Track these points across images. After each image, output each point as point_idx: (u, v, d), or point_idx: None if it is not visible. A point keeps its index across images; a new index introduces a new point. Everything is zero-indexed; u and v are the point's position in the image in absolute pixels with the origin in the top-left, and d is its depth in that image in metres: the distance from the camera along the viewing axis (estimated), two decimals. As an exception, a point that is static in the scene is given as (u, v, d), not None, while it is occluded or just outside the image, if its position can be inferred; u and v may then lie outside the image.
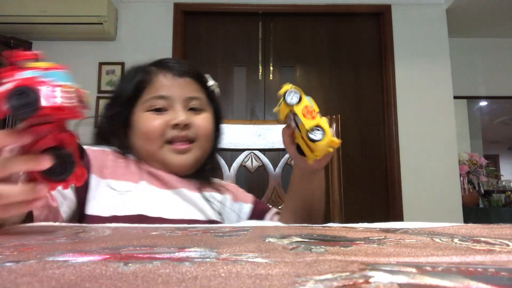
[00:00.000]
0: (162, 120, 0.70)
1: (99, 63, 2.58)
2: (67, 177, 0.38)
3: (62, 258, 0.23)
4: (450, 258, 0.23)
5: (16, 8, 2.39)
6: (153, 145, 0.70)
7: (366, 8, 2.72)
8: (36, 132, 0.37)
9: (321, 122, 0.54)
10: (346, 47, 2.74)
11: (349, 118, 2.61)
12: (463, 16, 2.83)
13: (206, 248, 0.27)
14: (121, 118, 0.73)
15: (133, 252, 0.25)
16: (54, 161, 0.36)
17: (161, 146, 0.70)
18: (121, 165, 0.71)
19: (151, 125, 0.70)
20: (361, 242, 0.31)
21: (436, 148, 2.56)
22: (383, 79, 2.67)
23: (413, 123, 2.58)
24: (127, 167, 0.71)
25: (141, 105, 0.72)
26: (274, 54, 2.72)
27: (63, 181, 0.38)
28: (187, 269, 0.20)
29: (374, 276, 0.17)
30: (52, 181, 0.37)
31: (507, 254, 0.24)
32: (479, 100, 3.76)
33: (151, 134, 0.70)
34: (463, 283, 0.16)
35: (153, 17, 2.66)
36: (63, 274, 0.18)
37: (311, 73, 2.74)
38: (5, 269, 0.20)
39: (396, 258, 0.23)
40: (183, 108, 0.72)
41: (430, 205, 2.49)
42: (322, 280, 0.17)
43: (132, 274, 0.18)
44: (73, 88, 0.37)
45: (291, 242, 0.31)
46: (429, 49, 2.67)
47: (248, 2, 2.70)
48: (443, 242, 0.31)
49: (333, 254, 0.25)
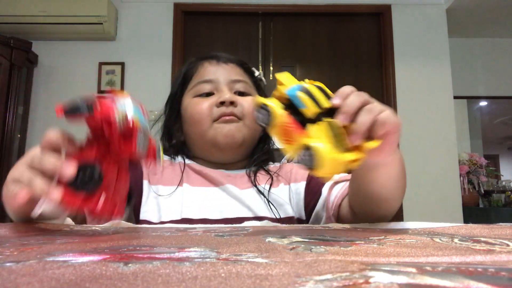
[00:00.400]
0: (209, 102, 0.71)
1: (99, 63, 2.58)
2: (87, 191, 0.35)
3: (62, 258, 0.23)
4: (450, 258, 0.23)
5: (16, 8, 2.39)
6: (202, 126, 0.70)
7: (366, 8, 2.72)
8: (91, 148, 0.37)
9: (308, 142, 0.37)
10: (346, 47, 2.74)
11: (349, 118, 2.61)
12: (463, 16, 2.83)
13: (206, 248, 0.27)
14: (174, 112, 0.76)
15: (133, 252, 0.25)
16: (79, 173, 0.35)
17: (210, 125, 0.70)
18: (167, 169, 0.72)
19: (199, 108, 0.71)
20: (361, 242, 0.31)
21: (436, 148, 2.56)
22: (383, 79, 2.67)
23: (413, 123, 2.58)
24: (173, 171, 0.72)
25: (188, 92, 0.75)
26: (274, 54, 2.72)
27: (82, 195, 0.35)
28: (187, 269, 0.20)
29: (374, 276, 0.17)
30: (70, 191, 0.35)
31: (507, 254, 0.24)
32: (479, 100, 3.76)
33: (199, 115, 0.71)
34: (463, 283, 0.16)
35: (153, 17, 2.66)
36: (63, 274, 0.18)
37: (311, 73, 2.73)
38: (5, 269, 0.20)
39: (396, 258, 0.23)
40: (229, 89, 0.73)
41: (430, 205, 2.49)
42: (322, 280, 0.17)
43: (132, 274, 0.18)
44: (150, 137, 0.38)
45: (291, 242, 0.31)
46: (429, 49, 2.67)
47: (248, 2, 2.70)
48: (443, 242, 0.31)
49: (333, 254, 0.24)
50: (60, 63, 2.59)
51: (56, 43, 2.60)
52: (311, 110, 0.38)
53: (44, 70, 2.58)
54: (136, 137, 0.37)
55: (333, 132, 0.38)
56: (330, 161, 0.37)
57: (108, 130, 0.35)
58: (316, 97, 0.39)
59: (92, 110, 0.34)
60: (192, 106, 0.73)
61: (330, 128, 0.38)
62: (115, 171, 0.37)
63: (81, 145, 0.38)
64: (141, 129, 0.38)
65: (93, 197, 0.36)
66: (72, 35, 2.55)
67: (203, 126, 0.70)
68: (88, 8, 2.43)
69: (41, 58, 2.57)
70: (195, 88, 0.73)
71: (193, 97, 0.73)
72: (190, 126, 0.73)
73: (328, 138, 0.38)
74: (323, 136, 0.38)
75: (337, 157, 0.37)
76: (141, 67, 2.58)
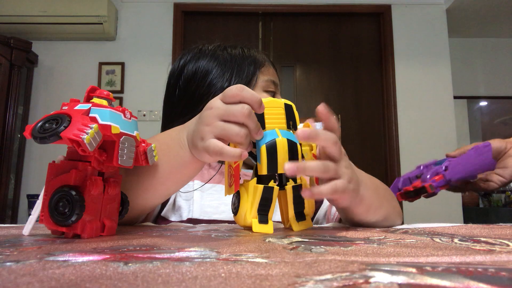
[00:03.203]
0: None
1: (99, 63, 2.58)
2: (68, 226, 0.34)
3: (62, 258, 0.23)
4: (450, 258, 0.23)
5: (16, 8, 2.40)
6: None
7: (366, 8, 2.72)
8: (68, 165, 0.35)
9: (242, 190, 0.42)
10: (346, 47, 2.74)
11: (349, 118, 2.61)
12: (463, 16, 2.83)
13: (206, 248, 0.27)
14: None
15: (133, 252, 0.25)
16: (59, 206, 0.34)
17: None
18: None
19: None
20: (361, 242, 0.31)
21: (436, 148, 2.56)
22: (383, 79, 2.67)
23: (413, 123, 2.58)
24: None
25: (258, 83, 0.71)
26: (274, 54, 2.72)
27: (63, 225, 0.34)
28: (187, 269, 0.20)
29: (374, 276, 0.17)
30: (53, 221, 0.34)
31: (507, 254, 0.24)
32: (479, 100, 3.76)
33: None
34: (463, 283, 0.16)
35: (153, 17, 2.66)
36: (63, 274, 0.18)
37: (311, 73, 2.73)
38: (5, 269, 0.20)
39: (396, 258, 0.23)
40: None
41: (430, 205, 2.48)
42: (322, 280, 0.17)
43: (132, 274, 0.18)
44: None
45: (291, 242, 0.31)
46: (429, 49, 2.67)
47: (248, 2, 2.70)
48: (443, 242, 0.31)
49: (333, 254, 0.24)
50: (60, 63, 2.59)
51: (56, 43, 2.60)
52: (261, 171, 0.39)
53: (44, 70, 2.58)
54: (119, 147, 0.36)
55: (262, 201, 0.40)
56: (243, 219, 0.41)
57: (80, 151, 0.32)
58: (277, 163, 0.39)
59: (58, 135, 0.32)
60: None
61: (264, 194, 0.40)
62: (100, 187, 0.35)
63: (60, 167, 0.36)
64: (124, 137, 0.36)
65: (77, 225, 0.34)
66: (72, 35, 2.55)
67: None
68: (88, 8, 2.43)
69: (41, 58, 2.57)
70: (265, 83, 0.71)
71: (262, 90, 0.71)
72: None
73: (256, 203, 0.40)
74: (255, 198, 0.40)
75: (250, 222, 0.40)
76: (141, 67, 2.59)
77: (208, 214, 0.64)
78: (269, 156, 0.38)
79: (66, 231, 0.35)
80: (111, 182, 0.37)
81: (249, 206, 0.40)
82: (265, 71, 0.73)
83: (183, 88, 0.72)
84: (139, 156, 0.39)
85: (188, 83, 0.71)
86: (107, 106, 0.36)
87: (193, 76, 0.71)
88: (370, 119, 2.65)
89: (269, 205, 0.40)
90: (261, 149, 0.39)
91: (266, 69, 0.73)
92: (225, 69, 0.70)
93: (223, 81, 0.69)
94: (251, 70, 0.70)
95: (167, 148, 0.45)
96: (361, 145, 2.61)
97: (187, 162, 0.44)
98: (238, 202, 0.42)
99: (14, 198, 2.39)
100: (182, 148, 0.44)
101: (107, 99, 0.37)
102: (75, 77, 2.57)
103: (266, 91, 0.71)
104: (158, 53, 2.60)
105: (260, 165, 0.39)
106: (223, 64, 0.70)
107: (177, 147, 0.44)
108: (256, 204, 0.40)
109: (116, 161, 0.36)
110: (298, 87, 2.69)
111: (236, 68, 0.70)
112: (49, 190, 0.35)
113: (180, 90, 0.72)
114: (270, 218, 0.41)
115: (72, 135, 0.32)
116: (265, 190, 0.40)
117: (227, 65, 0.70)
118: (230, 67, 0.70)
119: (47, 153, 2.36)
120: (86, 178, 0.35)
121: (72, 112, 0.34)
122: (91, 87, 0.38)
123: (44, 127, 0.33)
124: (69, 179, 0.34)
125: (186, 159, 0.44)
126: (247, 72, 0.70)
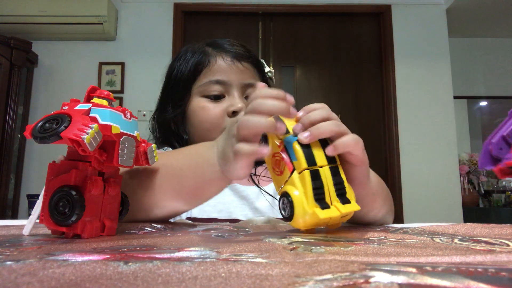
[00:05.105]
0: (219, 108, 0.67)
1: (99, 63, 2.58)
2: (69, 226, 0.34)
3: (62, 258, 0.23)
4: (450, 258, 0.23)
5: (16, 8, 2.39)
6: (212, 134, 0.65)
7: (366, 8, 2.72)
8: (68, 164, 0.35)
9: (290, 190, 0.37)
10: (346, 47, 2.74)
11: (349, 118, 2.61)
12: (463, 16, 2.83)
13: (206, 248, 0.27)
14: (177, 103, 0.70)
15: (133, 252, 0.25)
16: (59, 206, 0.34)
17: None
18: None
19: (208, 115, 0.67)
20: (361, 242, 0.31)
21: (436, 148, 2.56)
22: (383, 79, 2.67)
23: (413, 123, 2.58)
24: None
25: (197, 89, 0.69)
26: (274, 54, 2.72)
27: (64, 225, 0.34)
28: (187, 269, 0.20)
29: (374, 276, 0.17)
30: (53, 222, 0.34)
31: (507, 254, 0.24)
32: (479, 100, 3.75)
33: (210, 124, 0.67)
34: (463, 283, 0.16)
35: (153, 17, 2.66)
36: (63, 274, 0.18)
37: (311, 73, 2.74)
38: (5, 268, 0.20)
39: (396, 258, 0.23)
40: (241, 95, 0.69)
41: (430, 205, 2.49)
42: (322, 280, 0.17)
43: (132, 274, 0.18)
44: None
45: (291, 242, 0.31)
46: (429, 49, 2.67)
47: (248, 2, 2.70)
48: (443, 242, 0.31)
49: (333, 254, 0.24)
50: (60, 63, 2.59)
51: (56, 43, 2.60)
52: (300, 166, 0.37)
53: (44, 70, 2.58)
54: (119, 147, 0.36)
55: (315, 185, 0.37)
56: (304, 215, 0.36)
57: (80, 151, 0.32)
58: (313, 154, 0.37)
59: (58, 135, 0.32)
60: (200, 109, 0.68)
61: (314, 179, 0.37)
62: (100, 187, 0.35)
63: (61, 167, 0.36)
64: (124, 138, 0.36)
65: (77, 225, 0.34)
66: (72, 35, 2.55)
67: (213, 135, 0.65)
68: (88, 8, 2.43)
69: (41, 58, 2.57)
70: (204, 87, 0.68)
71: (201, 96, 0.69)
72: (198, 131, 0.70)
73: (309, 191, 0.36)
74: (307, 187, 0.36)
75: (313, 212, 0.36)
76: (141, 67, 2.58)
77: (206, 213, 0.64)
78: (304, 149, 0.37)
79: (66, 231, 0.35)
80: (111, 182, 0.37)
81: (304, 199, 0.36)
82: (213, 68, 0.69)
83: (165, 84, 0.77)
84: (139, 156, 0.39)
85: (167, 79, 0.76)
86: (107, 106, 0.36)
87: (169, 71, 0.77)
88: (370, 119, 2.65)
89: (323, 188, 0.37)
90: (293, 145, 0.37)
91: (216, 66, 0.69)
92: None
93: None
94: (188, 71, 0.70)
95: (195, 164, 0.44)
96: (361, 145, 2.60)
97: (214, 179, 0.43)
98: (289, 203, 0.37)
99: (14, 198, 2.38)
100: (210, 165, 0.43)
101: (107, 99, 0.37)
102: (75, 77, 2.57)
103: (206, 96, 0.68)
104: (158, 53, 2.59)
105: (298, 161, 0.37)
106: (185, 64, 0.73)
107: (205, 164, 0.43)
108: (310, 192, 0.36)
109: (116, 161, 0.36)
110: (298, 87, 2.69)
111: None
112: (49, 190, 0.35)
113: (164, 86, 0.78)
114: (330, 202, 0.37)
115: (73, 135, 0.32)
116: (312, 174, 0.37)
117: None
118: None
119: (47, 153, 2.36)
120: (86, 178, 0.35)
121: (72, 112, 0.34)
122: (91, 87, 0.38)
123: (44, 127, 0.33)
124: (69, 179, 0.35)
125: (214, 176, 0.42)
126: (187, 72, 0.71)
